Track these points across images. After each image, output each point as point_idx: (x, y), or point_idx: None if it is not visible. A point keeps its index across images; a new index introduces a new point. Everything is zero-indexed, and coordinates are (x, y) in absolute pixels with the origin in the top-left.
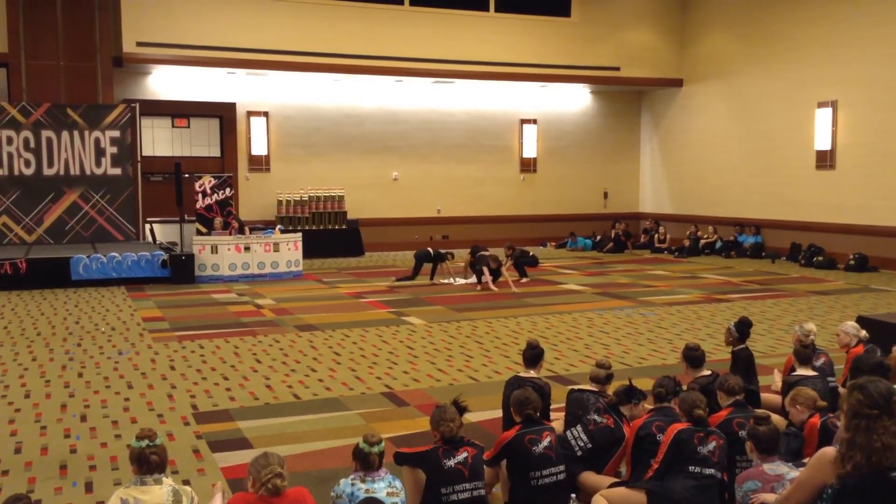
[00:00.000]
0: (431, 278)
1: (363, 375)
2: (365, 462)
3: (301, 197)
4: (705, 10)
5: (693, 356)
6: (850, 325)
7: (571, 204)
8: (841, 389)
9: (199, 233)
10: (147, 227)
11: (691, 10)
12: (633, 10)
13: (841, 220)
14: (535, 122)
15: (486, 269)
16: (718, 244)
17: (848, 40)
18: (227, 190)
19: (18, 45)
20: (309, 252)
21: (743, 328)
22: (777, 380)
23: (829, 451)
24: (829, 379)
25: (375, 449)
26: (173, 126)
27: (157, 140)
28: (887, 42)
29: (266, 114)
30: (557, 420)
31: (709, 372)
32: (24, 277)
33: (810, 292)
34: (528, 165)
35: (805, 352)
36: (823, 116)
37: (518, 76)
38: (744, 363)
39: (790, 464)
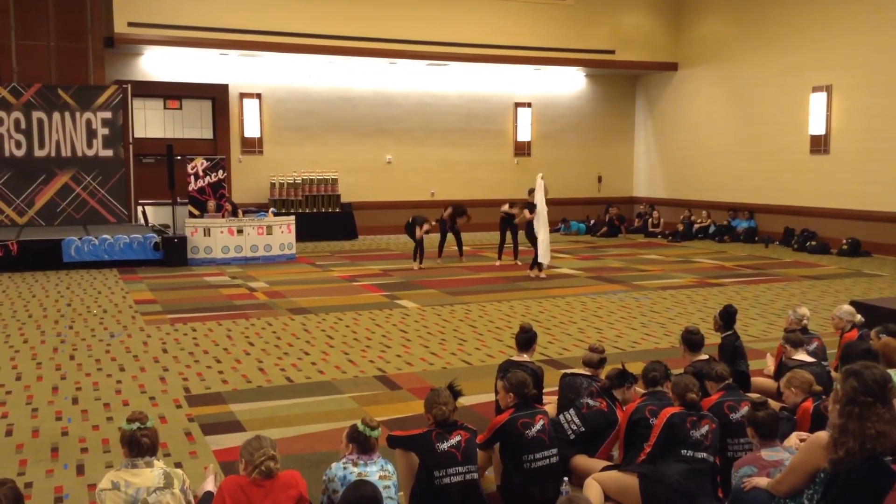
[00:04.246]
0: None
1: (356, 359)
2: (364, 445)
3: (294, 180)
4: None
5: (692, 340)
6: (846, 309)
7: (565, 188)
8: (834, 374)
9: (191, 215)
10: (139, 209)
11: None
12: None
13: (834, 204)
14: (529, 105)
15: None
16: (712, 228)
17: (843, 24)
18: (220, 172)
19: (9, 25)
20: (302, 235)
21: (727, 316)
22: (769, 364)
23: (822, 435)
24: (823, 363)
25: (376, 433)
26: (165, 107)
27: (149, 121)
28: (882, 26)
29: (259, 95)
30: (550, 404)
31: (706, 356)
32: (15, 259)
33: (803, 277)
34: (522, 149)
35: (794, 336)
36: (818, 101)
37: (512, 59)
38: (728, 350)
39: (791, 448)
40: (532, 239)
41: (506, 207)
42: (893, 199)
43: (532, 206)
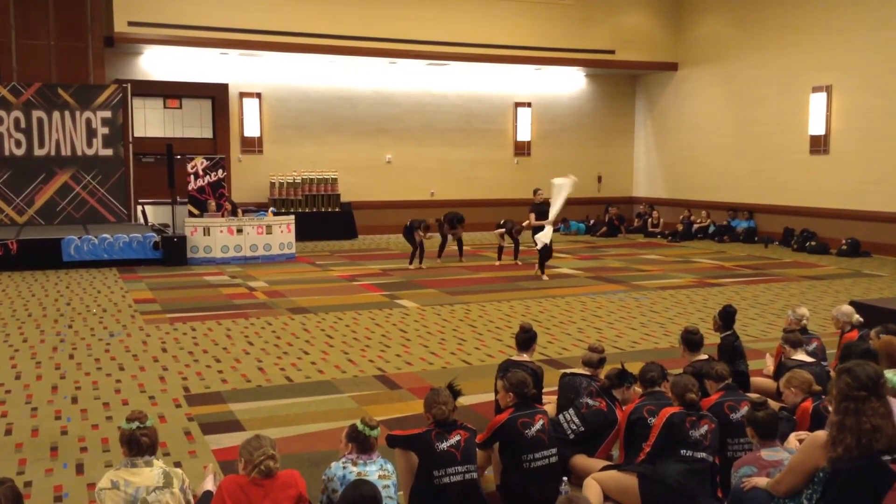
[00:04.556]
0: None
1: (356, 358)
2: (364, 444)
3: (294, 179)
4: None
5: (691, 339)
6: (844, 309)
7: None
8: (833, 374)
9: (191, 214)
10: (139, 208)
11: None
12: None
13: (834, 205)
14: (529, 105)
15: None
16: (711, 229)
17: (843, 25)
18: (220, 171)
19: (9, 24)
20: (302, 235)
21: (726, 316)
22: (769, 364)
23: (821, 434)
24: (822, 363)
25: (375, 432)
26: (165, 107)
27: (149, 121)
28: (882, 26)
29: (259, 95)
30: (550, 404)
31: (706, 356)
32: (15, 258)
33: (802, 277)
34: (522, 149)
35: (793, 336)
36: (818, 101)
37: (513, 59)
38: (728, 350)
39: (791, 448)
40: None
41: (500, 232)
42: (893, 199)
43: (539, 210)
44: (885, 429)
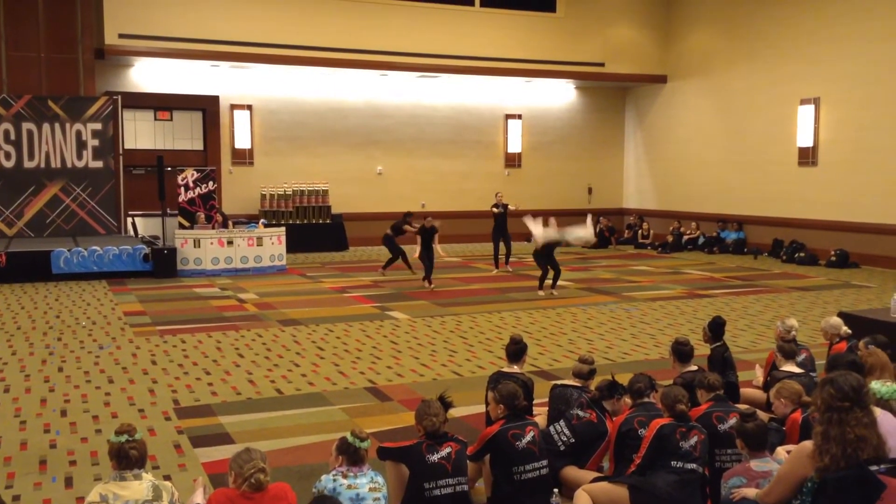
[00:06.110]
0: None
1: (346, 370)
2: (354, 456)
3: (285, 191)
4: (689, 6)
5: (682, 351)
6: (833, 321)
7: (556, 199)
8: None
9: (181, 226)
10: (129, 220)
11: (675, 7)
12: (617, 5)
13: (823, 216)
14: (519, 117)
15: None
16: (701, 240)
17: (831, 37)
18: (210, 183)
19: None
20: (292, 246)
21: (716, 327)
22: (759, 375)
23: (808, 444)
24: (811, 374)
25: (366, 444)
26: (156, 119)
27: (140, 133)
28: (870, 39)
29: (250, 107)
30: (540, 415)
31: (696, 367)
32: (4, 271)
33: (792, 288)
34: (512, 160)
35: (787, 346)
36: (806, 113)
37: (503, 71)
38: (717, 361)
39: (780, 459)
40: (550, 261)
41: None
42: (881, 210)
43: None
44: (869, 438)
